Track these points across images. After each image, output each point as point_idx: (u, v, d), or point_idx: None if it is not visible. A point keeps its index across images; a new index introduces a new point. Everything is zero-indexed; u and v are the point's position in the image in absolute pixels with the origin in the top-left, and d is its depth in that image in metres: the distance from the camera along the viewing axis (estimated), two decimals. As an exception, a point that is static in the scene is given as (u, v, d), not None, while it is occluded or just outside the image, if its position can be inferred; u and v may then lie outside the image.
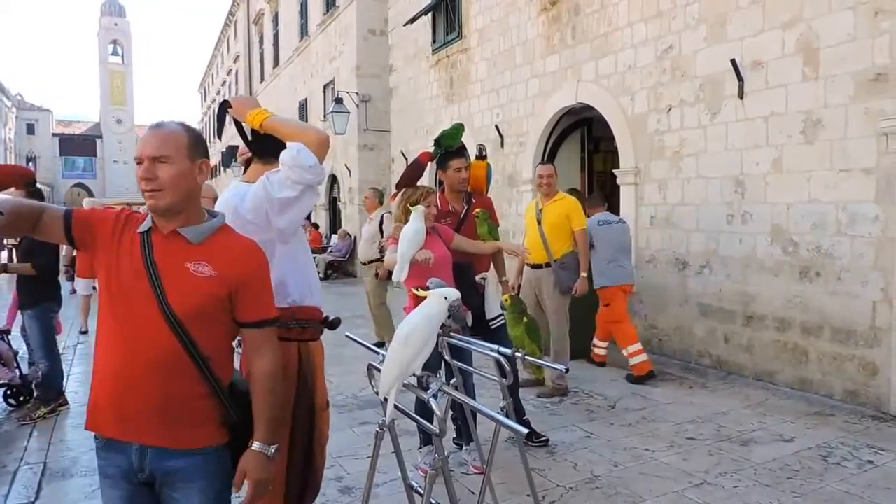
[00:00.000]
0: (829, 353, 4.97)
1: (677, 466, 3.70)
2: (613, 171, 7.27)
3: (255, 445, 1.73)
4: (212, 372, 1.71)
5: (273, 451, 1.75)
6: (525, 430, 1.83)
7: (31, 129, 56.12)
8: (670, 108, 6.32)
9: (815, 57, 4.98)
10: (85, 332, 8.38)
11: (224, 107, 2.30)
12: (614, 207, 6.83)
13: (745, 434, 4.21)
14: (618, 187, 7.17)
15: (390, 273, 3.41)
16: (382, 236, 7.07)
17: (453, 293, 1.98)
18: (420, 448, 3.72)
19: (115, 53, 59.65)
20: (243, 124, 2.28)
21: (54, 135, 57.51)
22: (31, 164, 55.00)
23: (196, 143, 1.75)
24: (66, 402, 5.18)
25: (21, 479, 3.78)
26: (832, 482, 3.45)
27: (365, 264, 7.33)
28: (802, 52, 5.07)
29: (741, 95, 5.56)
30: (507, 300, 3.37)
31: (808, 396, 4.99)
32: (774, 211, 5.35)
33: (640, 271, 6.80)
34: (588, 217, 5.44)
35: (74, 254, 9.74)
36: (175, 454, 1.68)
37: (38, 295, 4.92)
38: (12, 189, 3.37)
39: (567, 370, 2.58)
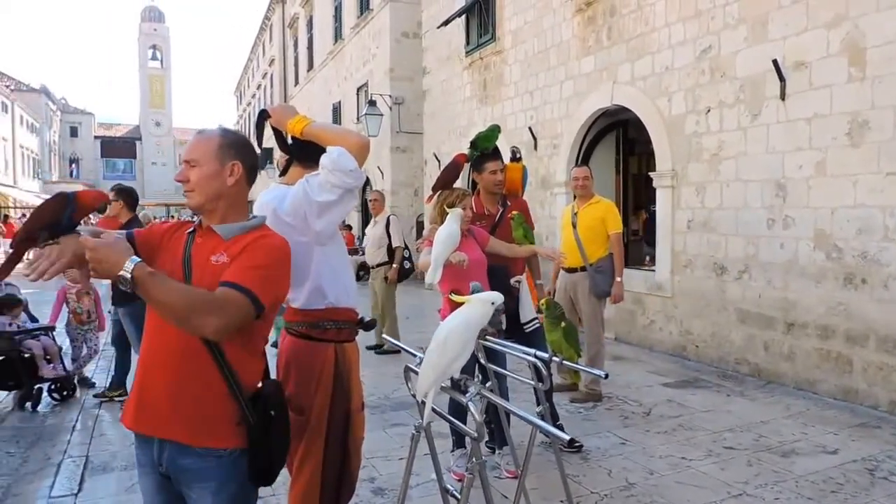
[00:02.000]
0: (874, 363, 4.82)
1: (715, 476, 3.62)
2: (649, 173, 7.17)
3: (135, 258, 1.56)
4: (230, 370, 1.70)
5: (122, 274, 1.54)
6: (566, 437, 1.81)
7: (74, 132, 57.83)
8: (709, 110, 6.20)
9: (861, 57, 4.84)
10: None
11: (263, 116, 2.32)
12: (650, 210, 6.74)
13: (785, 444, 4.10)
14: (653, 190, 7.07)
15: (400, 277, 3.40)
16: (390, 239, 7.07)
17: (499, 297, 1.96)
18: (453, 451, 3.71)
19: (154, 58, 61.12)
20: (282, 132, 2.31)
21: (96, 137, 59.17)
22: (74, 165, 56.68)
23: (228, 146, 1.80)
24: (125, 394, 5.30)
25: (65, 472, 3.87)
26: (879, 497, 3.33)
27: (373, 267, 7.21)
28: (848, 52, 4.93)
29: (783, 97, 5.43)
30: (543, 304, 3.34)
31: (853, 407, 4.84)
32: (817, 215, 5.21)
33: (675, 276, 6.70)
34: None
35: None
36: (190, 453, 1.69)
37: (131, 293, 5.07)
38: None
39: (606, 376, 2.54)
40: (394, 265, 7.03)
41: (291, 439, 1.90)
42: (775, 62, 5.41)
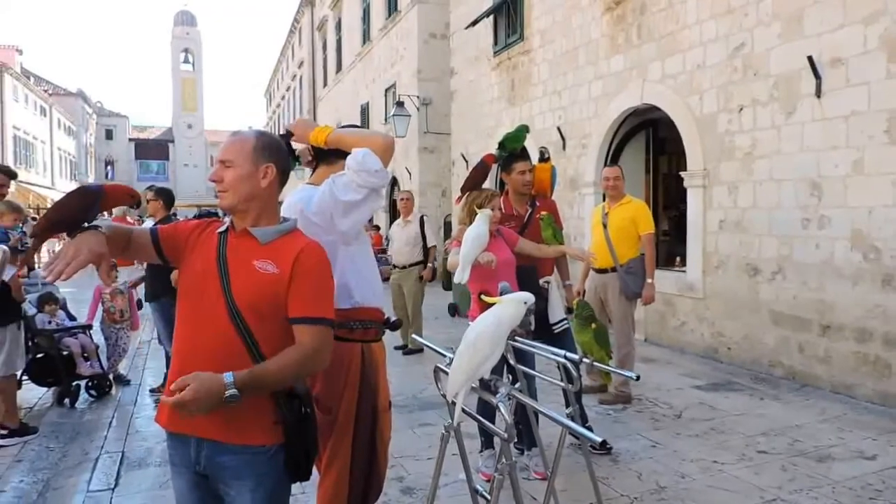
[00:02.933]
0: (914, 366, 4.69)
1: (748, 480, 3.56)
2: (680, 173, 7.08)
3: (228, 375, 1.58)
4: None
5: (230, 393, 1.57)
6: (598, 439, 1.79)
7: (109, 135, 59.12)
8: (742, 108, 6.10)
9: (901, 53, 4.72)
10: None
11: (288, 137, 2.36)
12: (681, 210, 6.65)
13: (821, 449, 4.01)
14: (684, 190, 6.97)
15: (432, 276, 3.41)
16: (424, 239, 7.05)
17: (531, 297, 1.96)
18: (481, 451, 3.71)
19: (186, 61, 62.14)
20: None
21: (130, 140, 60.40)
22: (109, 167, 57.96)
23: (262, 149, 1.82)
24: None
25: (101, 467, 3.97)
26: (919, 503, 3.25)
27: (405, 267, 7.06)
28: (886, 48, 4.80)
29: (818, 94, 5.32)
30: (576, 304, 3.31)
31: (892, 412, 4.72)
32: (854, 215, 5.09)
33: (706, 277, 6.60)
34: None
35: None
36: (228, 450, 1.71)
37: (161, 290, 5.20)
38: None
39: (637, 378, 2.52)
40: (428, 264, 7.04)
41: (319, 438, 1.91)
42: (810, 59, 5.29)
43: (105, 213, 3.66)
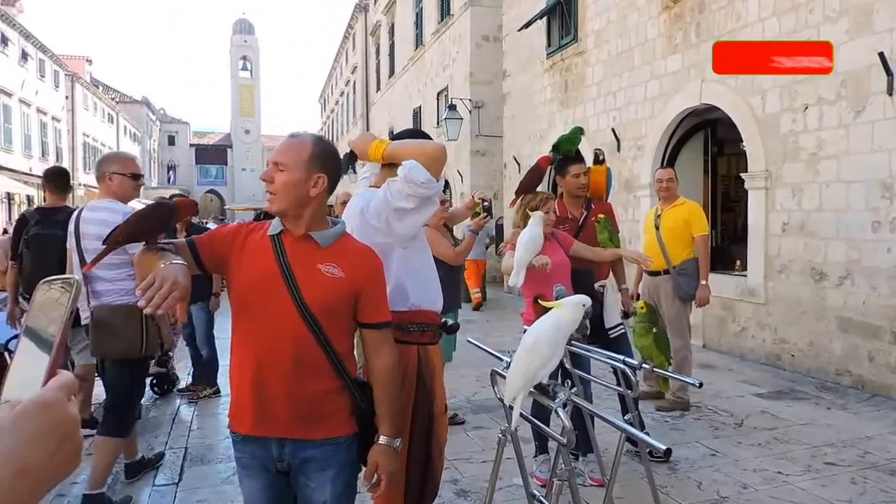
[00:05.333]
0: None
1: (815, 493, 3.42)
2: (740, 174, 6.88)
3: (383, 440, 1.81)
4: (343, 366, 1.79)
5: (398, 444, 1.84)
6: (663, 447, 1.76)
7: (171, 141, 61.30)
8: (807, 107, 5.89)
9: (981, 46, 4.47)
10: None
11: (353, 158, 2.40)
12: (741, 213, 6.46)
13: (894, 462, 3.83)
14: (744, 192, 6.77)
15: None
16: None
17: (589, 300, 1.94)
18: (535, 456, 3.69)
19: (244, 68, 63.86)
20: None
21: (191, 145, 62.43)
22: (171, 172, 60.10)
23: (319, 157, 1.79)
24: (218, 392, 5.56)
25: (166, 462, 4.10)
26: None
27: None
28: (966, 42, 4.56)
29: (890, 92, 5.08)
30: (641, 307, 3.24)
31: (971, 425, 4.47)
32: (930, 218, 4.84)
33: (769, 281, 6.39)
34: None
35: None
36: (311, 445, 1.78)
37: (205, 292, 5.36)
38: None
39: (700, 385, 2.45)
40: None
41: None
42: (881, 55, 5.07)
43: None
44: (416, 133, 2.62)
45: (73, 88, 34.03)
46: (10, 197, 25.31)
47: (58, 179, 4.53)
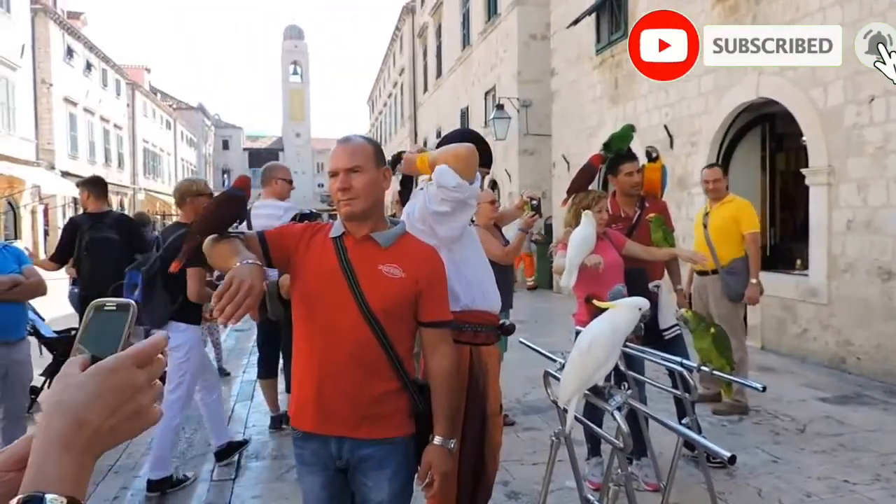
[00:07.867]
0: None
1: (885, 503, 3.27)
2: (801, 170, 6.63)
3: (437, 440, 1.81)
4: (403, 368, 1.81)
5: (452, 444, 1.84)
6: (727, 454, 1.70)
7: (225, 145, 63.13)
8: (872, 99, 5.63)
9: None
10: None
11: (409, 184, 2.43)
12: (801, 210, 6.23)
13: (972, 472, 3.62)
14: (805, 189, 6.52)
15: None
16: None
17: (646, 303, 1.89)
18: (588, 459, 3.63)
19: (294, 73, 65.25)
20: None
21: (244, 149, 64.18)
22: (225, 175, 61.81)
23: (378, 153, 1.87)
24: None
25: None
26: None
27: None
28: None
29: (965, 80, 4.81)
30: (689, 315, 3.13)
31: None
32: None
33: (833, 281, 6.13)
34: None
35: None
36: (370, 444, 1.79)
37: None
38: None
39: (764, 389, 2.35)
40: None
41: None
42: (955, 42, 4.80)
43: None
44: (465, 134, 2.61)
45: (133, 96, 35.36)
46: (75, 202, 26.46)
47: (99, 186, 4.90)
